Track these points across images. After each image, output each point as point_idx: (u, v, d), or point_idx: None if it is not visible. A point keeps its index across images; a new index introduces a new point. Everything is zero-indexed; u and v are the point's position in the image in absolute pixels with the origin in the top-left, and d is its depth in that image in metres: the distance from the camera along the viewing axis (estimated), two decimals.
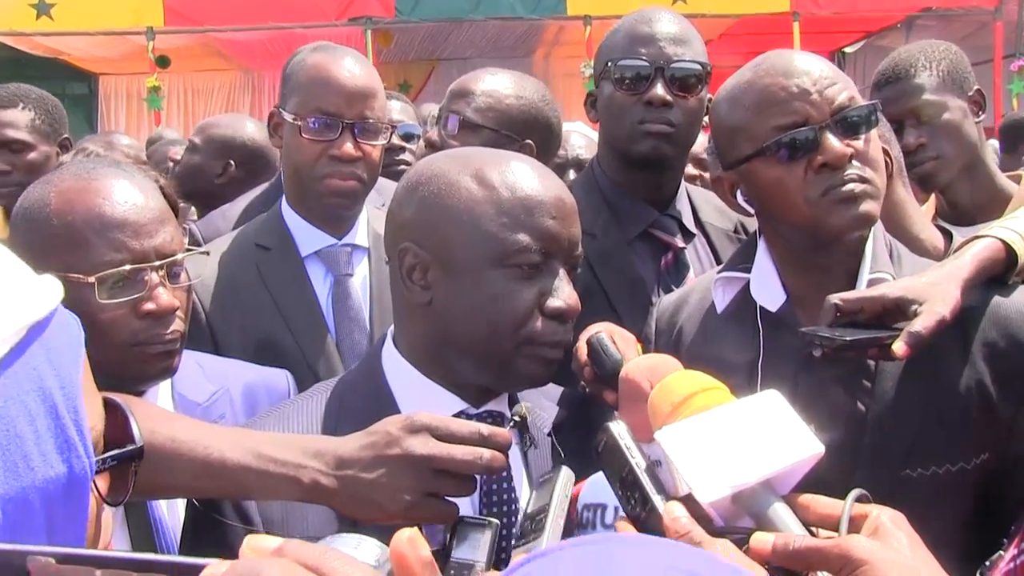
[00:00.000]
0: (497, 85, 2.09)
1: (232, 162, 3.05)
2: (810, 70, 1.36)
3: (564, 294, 1.14)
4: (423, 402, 1.17)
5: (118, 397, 0.79)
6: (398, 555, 0.50)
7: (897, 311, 1.27)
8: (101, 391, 0.73)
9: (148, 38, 7.23)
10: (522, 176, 1.16)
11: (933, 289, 1.28)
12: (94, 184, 1.30)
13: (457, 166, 1.17)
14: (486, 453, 1.00)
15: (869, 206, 1.34)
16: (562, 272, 1.16)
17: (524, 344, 1.13)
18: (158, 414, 1.14)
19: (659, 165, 1.88)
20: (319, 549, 0.50)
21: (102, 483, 0.73)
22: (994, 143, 4.65)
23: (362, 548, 0.68)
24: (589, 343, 1.22)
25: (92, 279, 1.25)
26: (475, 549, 0.95)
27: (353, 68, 1.83)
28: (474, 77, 2.13)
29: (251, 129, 3.12)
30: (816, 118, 1.34)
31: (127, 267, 1.27)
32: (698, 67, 1.84)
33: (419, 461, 1.00)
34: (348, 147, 1.79)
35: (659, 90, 1.80)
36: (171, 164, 3.39)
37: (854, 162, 1.34)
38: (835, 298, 1.29)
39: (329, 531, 0.98)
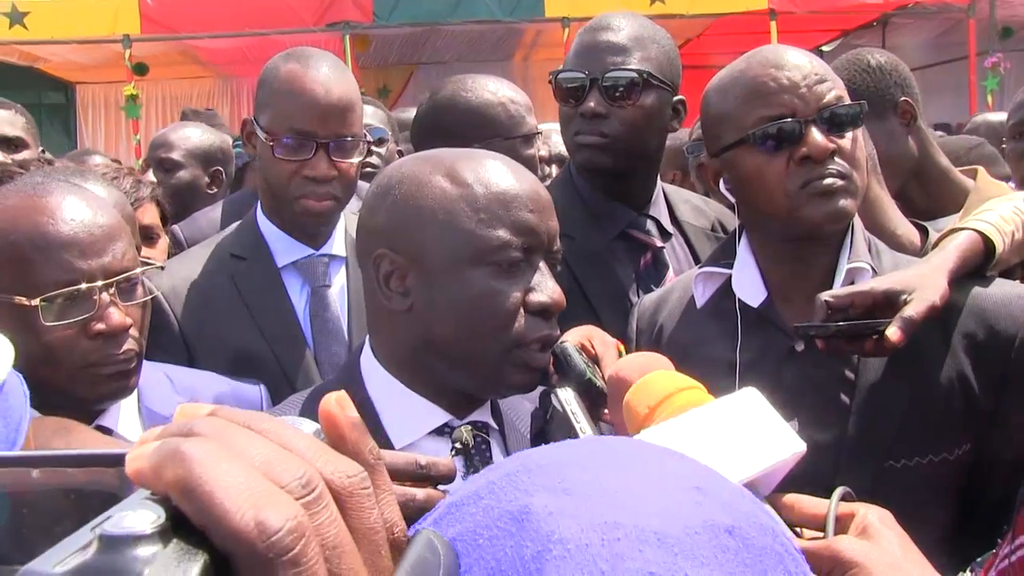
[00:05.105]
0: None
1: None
2: (801, 65, 1.38)
3: (548, 289, 1.11)
4: (405, 413, 1.14)
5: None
6: (327, 415, 0.47)
7: (887, 304, 1.28)
8: (56, 412, 0.67)
9: (124, 46, 7.16)
10: (495, 171, 1.12)
11: (921, 279, 1.30)
12: (40, 201, 1.24)
13: (428, 166, 1.14)
14: (419, 494, 0.93)
15: (846, 202, 1.35)
16: (543, 267, 1.13)
17: (512, 348, 1.09)
18: (93, 442, 1.08)
19: (603, 174, 1.85)
20: (253, 413, 0.47)
21: None
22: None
23: (300, 424, 0.66)
24: (553, 353, 1.18)
25: (35, 302, 1.19)
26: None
27: (328, 81, 1.70)
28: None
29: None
30: (803, 112, 1.35)
31: (71, 288, 1.21)
32: (633, 75, 1.77)
33: None
34: (323, 167, 1.70)
35: (591, 102, 1.77)
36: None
37: (836, 158, 1.35)
38: (826, 295, 1.30)
39: None
